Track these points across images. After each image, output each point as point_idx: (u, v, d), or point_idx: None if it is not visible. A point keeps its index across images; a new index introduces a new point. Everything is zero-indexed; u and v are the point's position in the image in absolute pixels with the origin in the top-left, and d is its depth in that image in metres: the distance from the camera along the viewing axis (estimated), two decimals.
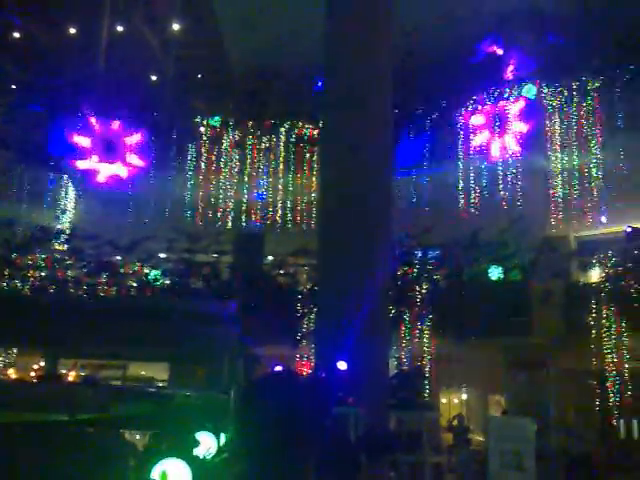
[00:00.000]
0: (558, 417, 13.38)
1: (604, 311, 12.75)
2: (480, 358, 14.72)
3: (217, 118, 17.11)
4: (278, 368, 9.05)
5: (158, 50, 19.17)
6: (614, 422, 12.94)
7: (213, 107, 17.71)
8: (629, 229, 14.23)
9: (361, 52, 10.76)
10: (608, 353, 13.03)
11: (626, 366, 13.36)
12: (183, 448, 5.19)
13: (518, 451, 8.08)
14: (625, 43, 14.16)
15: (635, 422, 15.48)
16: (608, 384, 12.94)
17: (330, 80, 11.22)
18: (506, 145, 15.66)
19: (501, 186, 15.75)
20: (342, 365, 9.07)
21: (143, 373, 14.23)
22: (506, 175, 15.74)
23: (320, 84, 12.02)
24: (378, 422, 9.21)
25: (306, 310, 13.47)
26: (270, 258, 16.88)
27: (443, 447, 10.72)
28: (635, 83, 14.08)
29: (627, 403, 13.68)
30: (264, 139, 16.62)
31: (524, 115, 15.48)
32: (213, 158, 16.55)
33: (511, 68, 15.92)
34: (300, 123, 16.30)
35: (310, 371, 11.84)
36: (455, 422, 14.94)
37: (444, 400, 18.20)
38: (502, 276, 14.46)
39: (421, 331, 14.02)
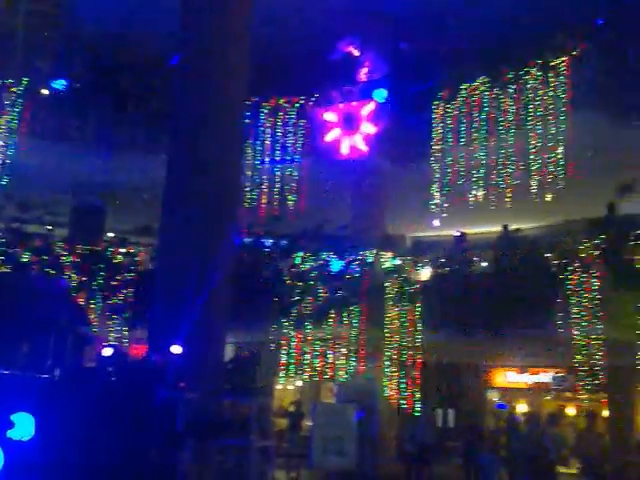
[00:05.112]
0: (385, 404, 14.16)
1: (430, 307, 13.65)
2: (314, 346, 15.18)
3: (62, 81, 15.98)
4: (108, 350, 8.71)
5: None
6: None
7: (58, 69, 16.47)
8: (458, 233, 15.38)
9: (217, 36, 10.63)
10: (432, 347, 14.00)
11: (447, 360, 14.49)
12: None
13: (340, 436, 8.42)
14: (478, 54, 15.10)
15: (451, 411, 16.88)
16: (430, 375, 13.93)
17: (184, 61, 11.00)
18: (355, 144, 16.24)
19: (348, 183, 16.30)
20: (176, 349, 8.92)
21: None
22: (353, 173, 16.33)
23: (175, 59, 11.66)
24: (209, 407, 9.19)
25: (144, 291, 13.06)
26: (110, 235, 16.16)
27: (272, 432, 10.92)
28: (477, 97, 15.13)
29: (444, 394, 14.86)
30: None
31: (373, 117, 16.13)
32: (54, 123, 15.46)
33: (365, 70, 16.49)
34: (152, 95, 15.70)
35: (144, 354, 11.49)
36: (292, 408, 15.31)
37: (279, 386, 18.55)
38: (342, 269, 15.00)
39: (262, 318, 14.18)
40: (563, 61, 14.09)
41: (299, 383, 18.24)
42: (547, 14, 13.80)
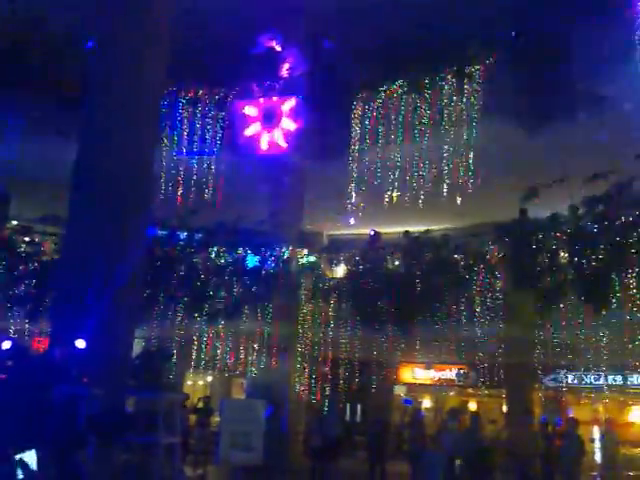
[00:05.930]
0: (294, 399, 14.28)
1: (343, 304, 13.89)
2: (228, 342, 15.12)
3: None
4: (6, 343, 8.32)
5: None
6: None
7: None
8: (372, 232, 15.68)
9: (133, 22, 10.34)
10: (343, 344, 14.26)
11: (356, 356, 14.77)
12: None
13: (248, 431, 8.44)
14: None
15: (359, 406, 17.22)
16: (340, 371, 14.19)
17: (98, 45, 10.63)
18: (274, 140, 16.21)
19: (266, 179, 16.27)
20: (80, 343, 8.63)
21: None
22: (272, 168, 16.31)
23: (90, 43, 11.25)
24: (113, 403, 8.96)
25: (48, 282, 12.57)
26: (14, 222, 15.39)
27: (180, 428, 10.76)
28: (392, 102, 15.46)
29: (353, 389, 15.12)
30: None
31: (294, 113, 16.15)
32: None
33: (287, 66, 16.48)
34: (64, 81, 15.03)
35: (46, 348, 11.06)
36: (200, 404, 15.12)
37: (190, 382, 18.35)
38: (258, 264, 14.98)
39: (174, 312, 13.96)
40: (478, 69, 14.61)
41: (209, 379, 18.11)
42: (464, 23, 14.26)
